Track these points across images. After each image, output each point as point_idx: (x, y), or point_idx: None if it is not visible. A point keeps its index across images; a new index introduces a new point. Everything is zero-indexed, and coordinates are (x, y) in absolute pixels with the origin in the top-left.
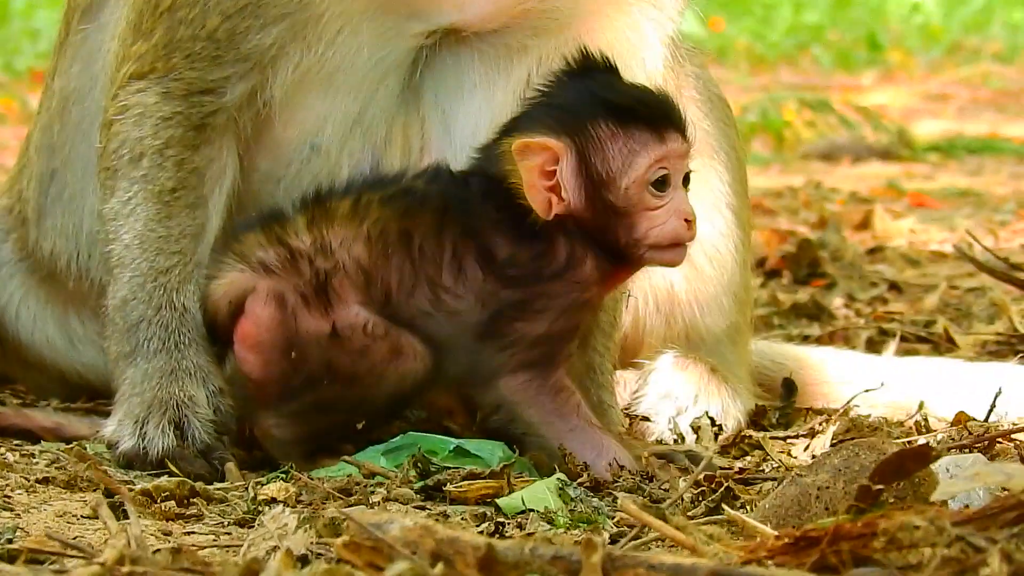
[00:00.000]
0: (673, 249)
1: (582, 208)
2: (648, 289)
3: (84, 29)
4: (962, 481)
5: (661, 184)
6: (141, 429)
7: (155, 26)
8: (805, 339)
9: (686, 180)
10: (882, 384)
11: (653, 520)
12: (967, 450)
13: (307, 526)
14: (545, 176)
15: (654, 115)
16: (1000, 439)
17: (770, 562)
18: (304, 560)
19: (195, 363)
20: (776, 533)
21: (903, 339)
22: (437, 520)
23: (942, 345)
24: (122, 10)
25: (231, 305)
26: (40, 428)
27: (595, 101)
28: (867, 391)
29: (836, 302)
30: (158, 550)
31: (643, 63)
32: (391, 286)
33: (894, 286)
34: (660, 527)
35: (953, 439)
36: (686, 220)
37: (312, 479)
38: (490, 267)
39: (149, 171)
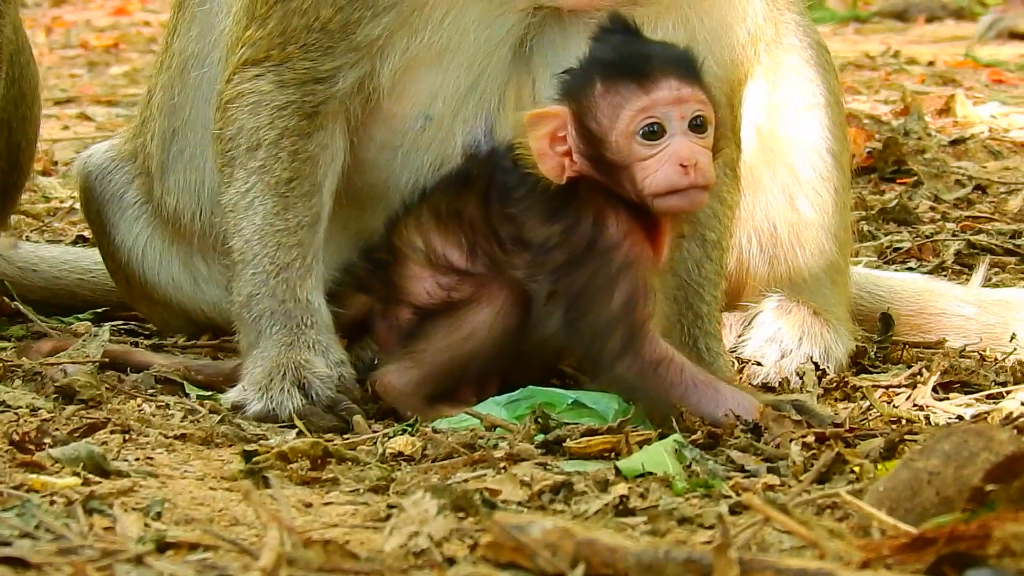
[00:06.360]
0: (675, 195)
1: (590, 168)
2: (751, 231)
3: None
4: None
5: (651, 134)
6: (267, 393)
7: (269, 13)
8: (895, 251)
9: (697, 124)
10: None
11: (778, 515)
12: None
13: (446, 512)
14: (557, 142)
15: (638, 66)
16: None
17: (889, 560)
18: (451, 562)
19: (315, 339)
20: (893, 523)
21: (990, 251)
22: (574, 520)
23: None
24: None
25: (353, 318)
26: (111, 354)
27: (591, 63)
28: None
29: (922, 205)
30: (310, 543)
31: (744, 17)
32: (451, 257)
33: (978, 186)
34: (784, 522)
35: None
36: (683, 165)
37: (436, 431)
38: (529, 250)
39: (266, 162)
